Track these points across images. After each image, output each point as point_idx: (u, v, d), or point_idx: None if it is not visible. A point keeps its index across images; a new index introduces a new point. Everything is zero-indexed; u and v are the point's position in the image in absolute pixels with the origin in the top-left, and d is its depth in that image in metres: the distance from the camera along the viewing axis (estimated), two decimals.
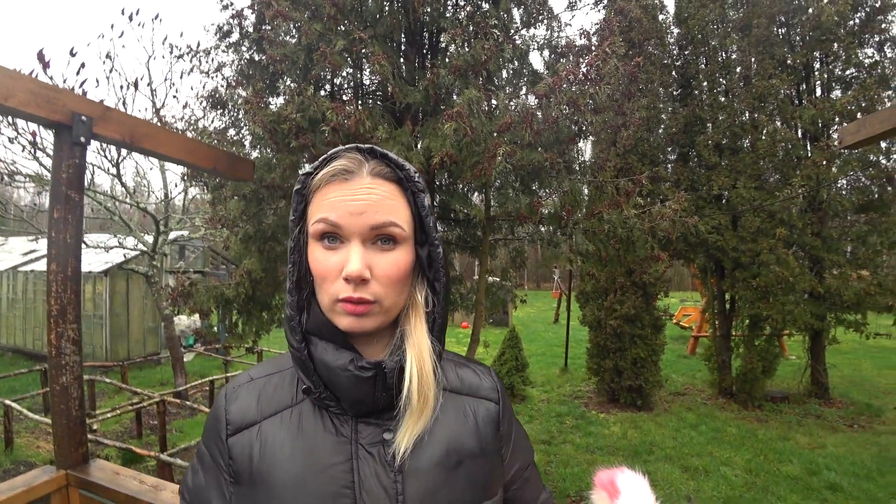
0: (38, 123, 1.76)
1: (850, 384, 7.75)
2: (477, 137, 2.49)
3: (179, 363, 6.02)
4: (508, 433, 0.74)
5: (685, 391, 7.57)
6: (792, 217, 6.21)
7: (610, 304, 6.70)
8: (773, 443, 5.33)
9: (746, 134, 6.53)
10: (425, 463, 0.62)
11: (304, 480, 0.59)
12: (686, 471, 4.69)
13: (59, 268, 1.68)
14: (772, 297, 6.11)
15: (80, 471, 1.68)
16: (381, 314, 0.61)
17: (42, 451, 4.88)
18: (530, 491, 0.79)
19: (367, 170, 0.62)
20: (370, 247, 0.61)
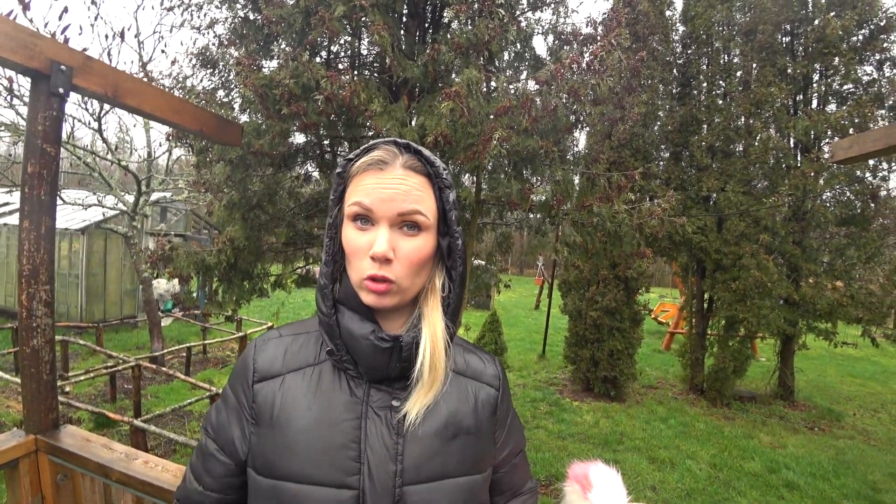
0: (13, 70, 1.65)
1: (814, 389, 8.03)
2: (473, 119, 2.44)
3: (157, 328, 5.92)
4: (504, 419, 0.81)
5: (658, 385, 7.75)
6: (776, 224, 6.32)
7: (591, 296, 6.78)
8: (738, 440, 5.52)
9: (740, 139, 6.57)
10: (425, 431, 0.70)
11: (317, 430, 0.68)
12: (653, 462, 4.83)
13: (31, 225, 1.60)
14: (749, 301, 6.24)
15: (49, 436, 1.64)
16: (398, 293, 0.69)
17: (12, 410, 4.78)
18: (518, 477, 0.87)
19: (401, 162, 0.69)
20: (396, 231, 0.68)
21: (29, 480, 1.61)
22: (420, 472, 0.69)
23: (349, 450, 0.68)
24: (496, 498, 0.85)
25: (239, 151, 2.72)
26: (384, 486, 0.67)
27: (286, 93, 2.17)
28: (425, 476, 0.69)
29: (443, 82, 2.66)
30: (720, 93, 6.88)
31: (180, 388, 5.51)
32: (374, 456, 0.68)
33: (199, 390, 4.53)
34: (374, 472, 0.67)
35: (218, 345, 7.27)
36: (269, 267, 4.16)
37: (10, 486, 1.62)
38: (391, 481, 0.67)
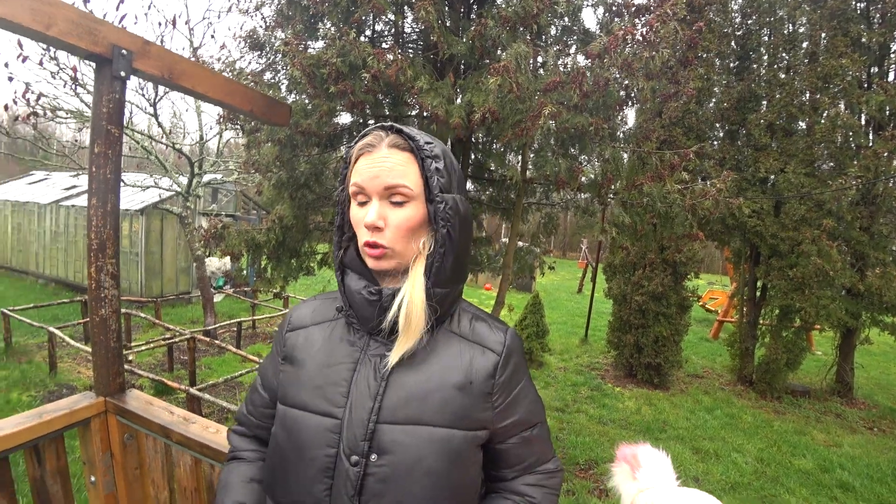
0: (77, 55, 1.75)
1: (876, 386, 7.52)
2: (522, 95, 2.37)
3: (210, 303, 6.25)
4: (507, 385, 0.83)
5: (704, 374, 7.49)
6: (841, 209, 5.86)
7: (637, 280, 6.58)
8: (788, 436, 5.27)
9: (804, 116, 6.08)
10: (409, 379, 0.79)
11: (320, 369, 0.82)
12: (697, 452, 4.70)
13: (98, 202, 1.70)
14: (807, 290, 5.87)
15: (117, 399, 1.76)
16: (394, 257, 0.80)
17: (82, 376, 5.21)
18: (533, 452, 0.87)
19: (386, 142, 0.79)
20: (386, 203, 0.79)
21: (99, 438, 1.75)
22: (396, 414, 0.76)
23: (340, 386, 0.80)
24: (506, 471, 0.87)
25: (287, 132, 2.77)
26: (360, 419, 0.76)
27: (333, 71, 2.19)
28: (401, 418, 0.76)
29: (489, 58, 2.60)
30: (783, 66, 6.37)
31: (231, 360, 5.82)
32: (358, 393, 0.78)
33: (249, 363, 4.76)
34: (354, 406, 0.78)
35: (266, 320, 7.61)
36: (315, 245, 4.28)
37: (83, 443, 1.76)
38: (367, 415, 0.76)
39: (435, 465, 0.75)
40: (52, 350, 4.96)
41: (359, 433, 0.76)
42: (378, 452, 0.75)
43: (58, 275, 9.83)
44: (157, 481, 1.80)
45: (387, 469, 0.74)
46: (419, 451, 0.75)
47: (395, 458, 0.75)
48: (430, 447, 0.75)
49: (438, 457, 0.75)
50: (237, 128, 3.81)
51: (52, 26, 1.49)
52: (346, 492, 0.75)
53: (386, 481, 0.74)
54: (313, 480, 0.77)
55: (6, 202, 11.13)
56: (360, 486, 0.74)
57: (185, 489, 1.71)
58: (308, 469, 0.78)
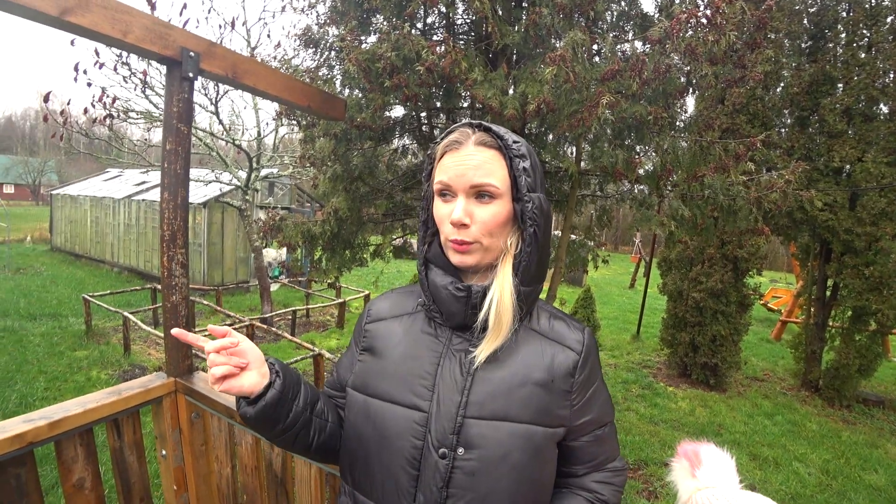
0: (150, 59, 1.87)
1: None
2: (579, 84, 2.31)
3: (267, 292, 6.56)
4: (585, 383, 0.85)
5: (764, 377, 7.06)
6: None
7: (695, 276, 6.28)
8: (859, 447, 4.88)
9: (887, 99, 5.54)
10: (493, 375, 0.80)
11: (404, 361, 0.84)
12: (754, 459, 4.46)
13: (170, 196, 1.82)
14: (885, 290, 5.39)
15: (186, 379, 1.88)
16: (479, 252, 0.81)
17: (153, 357, 5.63)
18: (603, 451, 0.90)
19: (473, 140, 0.80)
20: (473, 200, 0.80)
21: (170, 416, 1.88)
22: (483, 409, 0.78)
23: (424, 379, 0.81)
24: (577, 467, 0.89)
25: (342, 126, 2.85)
26: (448, 412, 0.78)
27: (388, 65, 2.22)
28: (487, 413, 0.78)
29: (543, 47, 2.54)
30: (863, 44, 5.81)
31: (286, 347, 6.10)
32: (444, 387, 0.80)
33: (303, 350, 4.96)
34: (441, 399, 0.79)
35: (319, 310, 7.90)
36: (368, 237, 4.39)
37: (156, 419, 1.90)
38: (455, 409, 0.78)
39: (520, 459, 0.77)
40: (126, 333, 5.39)
41: (447, 427, 0.77)
42: (465, 446, 0.77)
43: (130, 264, 10.65)
44: (221, 458, 1.92)
45: (474, 463, 0.76)
46: (505, 446, 0.77)
47: (483, 453, 0.76)
48: (515, 442, 0.77)
49: (523, 452, 0.77)
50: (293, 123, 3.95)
51: (129, 33, 1.60)
52: (435, 483, 0.76)
53: (473, 475, 0.76)
54: (399, 470, 0.79)
55: (86, 198, 12.16)
56: (449, 478, 0.76)
57: (246, 466, 1.81)
58: (394, 459, 0.79)
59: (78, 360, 5.37)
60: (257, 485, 1.80)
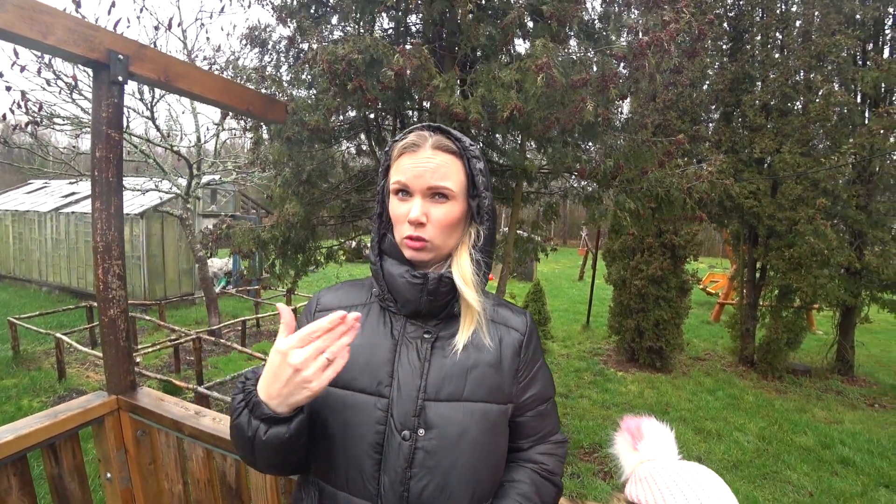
0: (74, 62, 1.77)
1: (876, 364, 7.57)
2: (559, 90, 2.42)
3: (213, 304, 6.30)
4: (528, 362, 0.92)
5: (705, 356, 7.55)
6: (837, 187, 5.86)
7: (636, 264, 6.62)
8: (790, 414, 5.33)
9: (799, 95, 6.07)
10: (448, 360, 0.85)
11: (362, 350, 0.85)
12: (699, 433, 4.77)
13: (102, 206, 1.74)
14: (805, 269, 5.90)
15: (129, 396, 1.80)
16: (433, 250, 0.86)
17: (91, 380, 5.28)
18: (545, 425, 0.97)
19: (430, 143, 0.85)
20: (429, 200, 0.85)
21: (114, 435, 1.80)
22: (440, 392, 0.83)
23: (385, 366, 0.84)
24: (521, 441, 0.95)
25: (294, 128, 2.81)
26: (409, 396, 0.82)
27: (348, 67, 2.21)
28: (445, 395, 0.82)
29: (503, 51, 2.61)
30: (776, 46, 6.35)
31: (237, 359, 5.89)
32: (404, 373, 0.83)
33: (255, 360, 4.82)
34: (402, 385, 0.82)
35: (270, 318, 7.67)
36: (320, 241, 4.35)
37: (98, 440, 1.81)
38: (415, 393, 0.82)
39: (477, 436, 0.83)
40: (60, 356, 5.01)
41: (409, 409, 0.81)
42: (426, 427, 0.81)
43: (61, 282, 9.89)
44: (171, 475, 1.85)
45: (435, 442, 0.81)
46: (462, 425, 0.82)
47: (442, 432, 0.81)
48: (472, 420, 0.83)
49: (479, 429, 0.83)
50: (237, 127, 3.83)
51: (50, 35, 1.52)
52: (399, 465, 0.79)
53: (435, 453, 0.80)
54: (363, 456, 0.81)
55: (6, 212, 11.18)
56: (412, 458, 0.80)
57: (199, 481, 1.76)
58: (357, 446, 0.81)
59: (6, 389, 4.95)
60: (211, 499, 1.75)
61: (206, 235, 3.83)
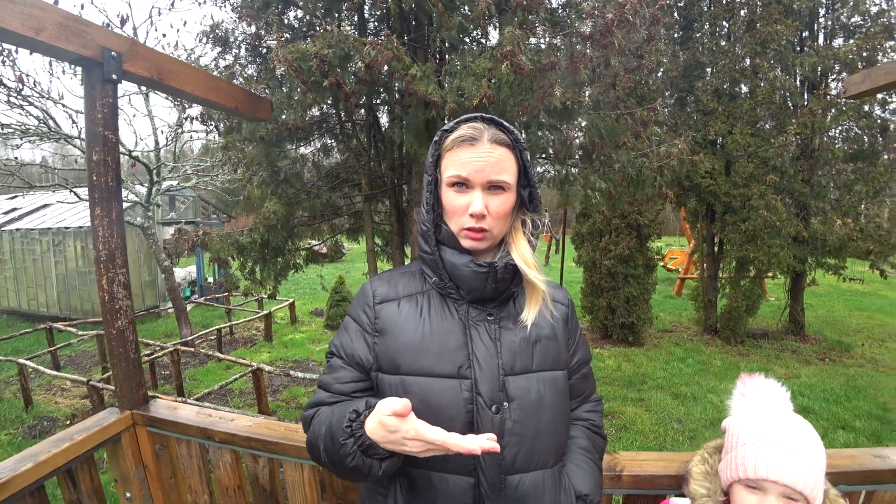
0: (66, 60, 1.67)
1: (823, 323, 8.26)
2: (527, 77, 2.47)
3: (183, 314, 6.04)
4: (574, 330, 1.04)
5: (673, 328, 7.97)
6: (784, 164, 6.33)
7: (605, 245, 6.90)
8: (754, 373, 5.73)
9: (746, 80, 6.49)
10: (514, 338, 0.91)
11: (433, 337, 0.89)
12: (677, 398, 5.06)
13: (103, 212, 1.65)
14: (759, 241, 6.34)
15: (143, 410, 1.73)
16: (491, 239, 0.91)
17: (62, 406, 4.94)
18: (588, 385, 1.09)
19: (488, 136, 0.88)
20: (487, 192, 0.88)
21: (132, 452, 1.71)
22: (514, 367, 0.89)
23: (461, 350, 0.88)
24: (571, 402, 1.03)
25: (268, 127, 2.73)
26: (492, 374, 0.87)
27: (321, 64, 2.17)
28: (519, 369, 0.90)
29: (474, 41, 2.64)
30: (724, 34, 6.75)
31: (215, 369, 5.68)
32: (482, 354, 0.88)
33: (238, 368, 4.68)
34: (483, 365, 0.88)
35: (243, 325, 7.42)
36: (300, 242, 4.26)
37: (114, 460, 1.71)
38: (496, 371, 0.88)
39: (551, 400, 0.92)
40: (25, 383, 4.66)
41: (494, 386, 0.87)
42: (509, 400, 0.87)
43: (9, 305, 9.14)
44: (195, 486, 1.79)
45: (519, 412, 0.88)
46: (539, 393, 0.90)
47: (523, 402, 0.88)
48: (545, 387, 0.91)
49: (552, 395, 0.92)
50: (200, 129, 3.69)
51: (42, 31, 1.43)
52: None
53: (520, 422, 0.87)
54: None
55: None
56: (502, 429, 0.86)
57: (227, 489, 1.72)
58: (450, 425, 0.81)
59: None
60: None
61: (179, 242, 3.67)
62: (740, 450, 0.96)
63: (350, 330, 0.96)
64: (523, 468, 0.87)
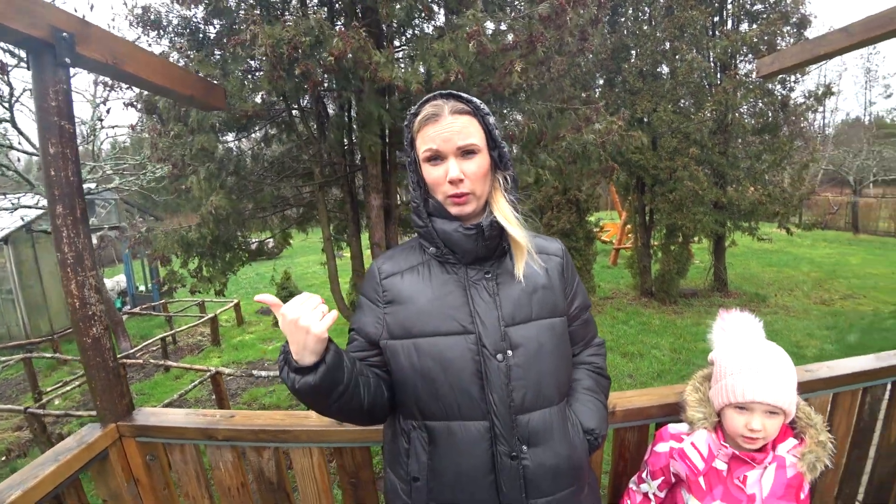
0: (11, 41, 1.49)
1: (742, 279, 9.23)
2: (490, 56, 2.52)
3: (120, 326, 5.56)
4: (571, 279, 1.10)
5: (613, 295, 8.53)
6: (703, 138, 6.93)
7: (548, 220, 7.23)
8: (689, 328, 6.33)
9: (667, 62, 7.00)
10: (513, 291, 0.99)
11: (439, 300, 0.97)
12: (625, 356, 5.49)
13: (65, 210, 1.51)
14: (685, 209, 6.94)
15: (130, 420, 1.62)
16: (474, 201, 0.97)
17: None
18: (589, 330, 1.16)
19: (448, 109, 0.94)
20: (460, 158, 0.94)
21: (121, 468, 1.60)
22: (514, 317, 0.97)
23: (463, 308, 0.96)
24: (574, 347, 1.11)
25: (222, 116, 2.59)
26: (493, 327, 0.95)
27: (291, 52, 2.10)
28: (519, 319, 0.97)
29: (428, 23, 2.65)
30: (646, 19, 7.20)
31: (163, 381, 5.32)
32: (482, 310, 0.96)
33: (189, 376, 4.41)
34: (484, 319, 0.95)
35: (188, 332, 6.96)
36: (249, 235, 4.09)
37: (101, 479, 1.58)
38: (497, 323, 0.95)
39: (552, 346, 1.00)
40: None
41: (496, 337, 0.94)
42: (512, 348, 0.95)
43: None
44: (193, 492, 1.71)
45: (522, 358, 0.96)
46: (539, 340, 0.98)
47: (526, 349, 0.96)
48: (545, 334, 0.99)
49: (552, 340, 1.00)
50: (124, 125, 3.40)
51: None
52: (501, 382, 0.94)
53: (525, 366, 0.96)
54: (469, 385, 0.94)
55: None
56: (509, 374, 0.94)
57: (230, 489, 1.66)
58: (462, 378, 0.94)
59: None
60: (248, 502, 1.68)
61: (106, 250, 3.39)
62: (729, 378, 1.09)
63: (363, 307, 1.04)
64: (531, 407, 0.96)
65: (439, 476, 0.96)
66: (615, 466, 1.56)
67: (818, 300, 7.62)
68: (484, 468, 0.94)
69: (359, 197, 4.58)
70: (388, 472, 1.09)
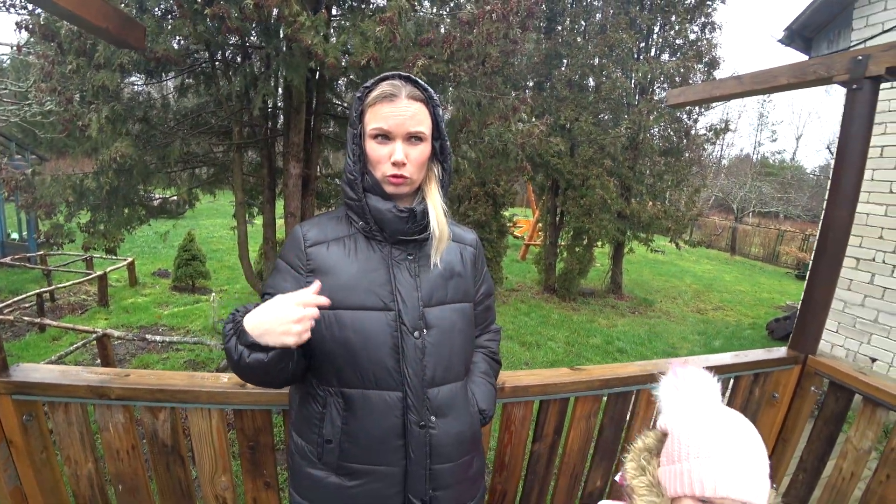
0: None
1: (635, 284, 10.24)
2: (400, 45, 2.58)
3: None
4: (481, 269, 1.21)
5: (518, 288, 9.05)
6: (616, 152, 7.54)
7: (464, 211, 7.49)
8: (584, 324, 6.98)
9: (594, 76, 7.49)
10: (432, 274, 1.07)
11: (362, 275, 1.02)
12: (523, 345, 5.93)
13: None
14: (593, 214, 7.53)
15: (5, 376, 1.51)
16: (410, 184, 1.03)
17: None
18: (489, 316, 1.28)
19: (406, 93, 0.98)
20: (406, 143, 1.00)
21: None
22: (432, 299, 1.05)
23: (386, 286, 1.02)
24: (475, 329, 1.21)
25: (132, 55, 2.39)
26: (413, 306, 1.02)
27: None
28: (435, 301, 1.06)
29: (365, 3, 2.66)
30: (581, 31, 7.62)
31: (37, 342, 4.77)
32: (404, 289, 1.02)
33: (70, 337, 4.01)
34: (405, 298, 1.02)
35: (70, 289, 6.25)
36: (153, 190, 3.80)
37: None
38: (416, 303, 1.03)
39: (462, 327, 1.10)
40: None
41: (415, 315, 1.02)
42: (428, 327, 1.04)
43: None
44: (76, 456, 1.60)
45: (437, 336, 1.05)
46: (452, 321, 1.08)
47: (440, 329, 1.05)
48: (457, 316, 1.09)
49: (462, 322, 1.10)
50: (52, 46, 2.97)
51: None
52: (416, 357, 1.02)
53: (438, 344, 1.05)
54: (386, 357, 1.00)
55: None
56: (423, 350, 1.03)
57: (118, 451, 1.59)
58: (380, 351, 1.00)
59: None
60: (137, 466, 1.61)
61: None
62: (694, 463, 0.84)
63: (282, 271, 1.06)
64: (441, 382, 1.05)
65: (353, 439, 1.02)
66: (501, 438, 1.73)
67: (695, 309, 8.68)
68: (395, 434, 1.01)
69: (277, 164, 4.46)
70: (293, 436, 1.12)
